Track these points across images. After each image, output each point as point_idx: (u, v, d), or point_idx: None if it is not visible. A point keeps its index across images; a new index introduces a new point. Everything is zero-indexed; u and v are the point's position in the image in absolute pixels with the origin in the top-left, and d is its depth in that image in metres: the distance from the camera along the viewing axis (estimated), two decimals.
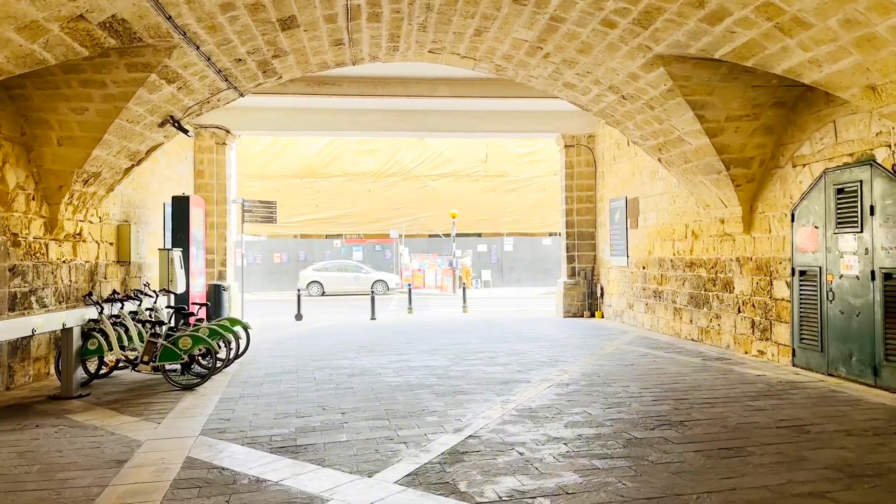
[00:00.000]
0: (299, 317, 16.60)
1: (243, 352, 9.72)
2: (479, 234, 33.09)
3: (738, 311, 9.87)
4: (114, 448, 5.33)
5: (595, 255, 16.05)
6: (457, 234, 29.65)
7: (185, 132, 9.67)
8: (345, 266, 29.63)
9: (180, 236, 12.12)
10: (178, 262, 11.34)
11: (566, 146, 15.99)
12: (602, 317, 15.60)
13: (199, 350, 8.22)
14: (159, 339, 7.95)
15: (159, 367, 7.90)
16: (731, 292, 10.05)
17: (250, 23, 7.23)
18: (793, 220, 8.59)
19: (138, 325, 8.63)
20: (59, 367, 7.70)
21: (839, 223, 7.74)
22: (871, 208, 7.24)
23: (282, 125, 15.43)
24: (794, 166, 8.57)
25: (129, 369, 8.29)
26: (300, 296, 17.39)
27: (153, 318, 9.13)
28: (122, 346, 8.21)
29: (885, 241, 7.09)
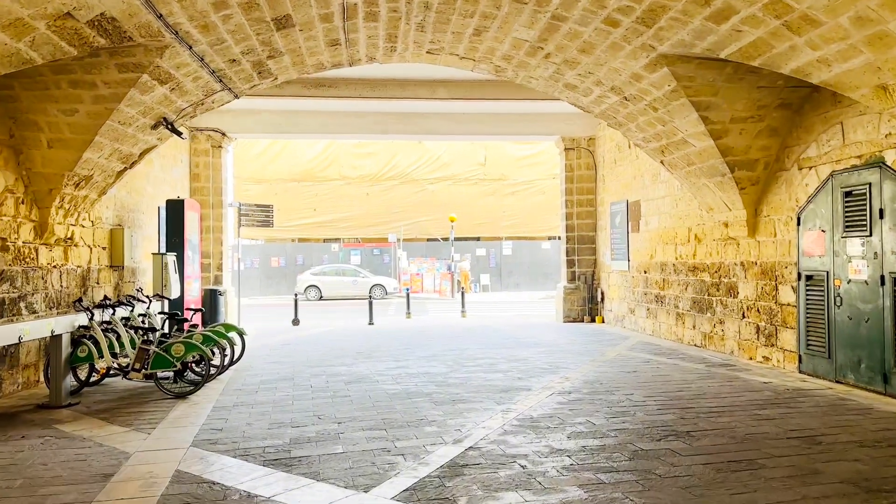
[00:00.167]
0: (296, 322, 16.40)
1: (238, 358, 9.53)
2: (478, 238, 32.90)
3: (743, 317, 9.69)
4: (101, 461, 5.13)
5: (595, 260, 15.87)
6: (455, 238, 29.47)
7: (178, 134, 9.48)
8: (342, 270, 29.45)
9: (175, 240, 11.94)
10: (172, 267, 11.15)
11: (566, 149, 15.82)
12: (602, 322, 15.42)
13: (192, 357, 8.02)
14: (151, 346, 7.76)
15: (151, 375, 7.71)
16: (735, 297, 9.88)
17: (244, 22, 7.06)
18: (799, 224, 8.42)
19: (130, 332, 8.43)
20: (48, 375, 7.50)
21: (847, 227, 7.57)
22: (881, 211, 7.07)
23: (278, 128, 15.26)
24: (800, 169, 8.40)
25: (120, 377, 8.09)
26: (297, 300, 17.20)
27: (146, 325, 8.93)
28: (113, 354, 8.00)
29: (894, 245, 6.91)
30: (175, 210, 11.94)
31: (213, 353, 8.73)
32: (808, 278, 8.23)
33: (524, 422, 6.12)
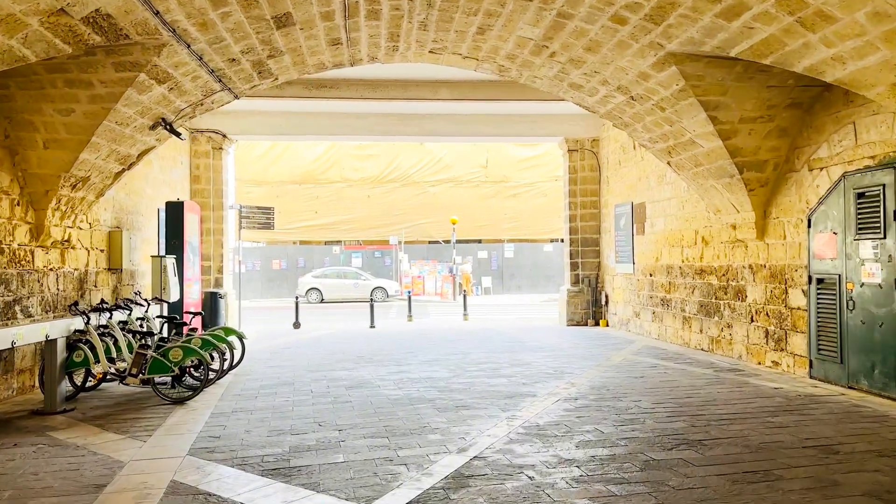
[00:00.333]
0: (297, 325, 16.24)
1: (238, 362, 9.37)
2: (480, 241, 32.73)
3: (751, 321, 9.51)
4: (93, 470, 4.97)
5: (599, 262, 15.70)
6: (457, 241, 29.30)
7: (177, 135, 9.33)
8: (344, 273, 29.28)
9: (174, 243, 11.76)
10: (171, 270, 10.99)
11: (570, 150, 15.66)
12: (606, 325, 15.24)
13: (190, 362, 7.86)
14: (149, 351, 7.60)
15: (149, 380, 7.54)
16: (743, 301, 9.70)
17: (243, 20, 6.90)
18: (809, 226, 8.24)
19: (128, 336, 8.27)
20: (43, 381, 7.33)
21: (860, 229, 7.39)
22: (895, 213, 6.90)
23: (279, 129, 15.10)
24: (811, 170, 8.23)
25: (117, 382, 7.93)
26: (298, 303, 17.04)
27: (144, 329, 8.78)
28: (110, 358, 7.85)
29: None
30: (175, 212, 11.77)
31: (213, 358, 8.58)
32: (820, 281, 8.06)
33: (530, 430, 5.95)
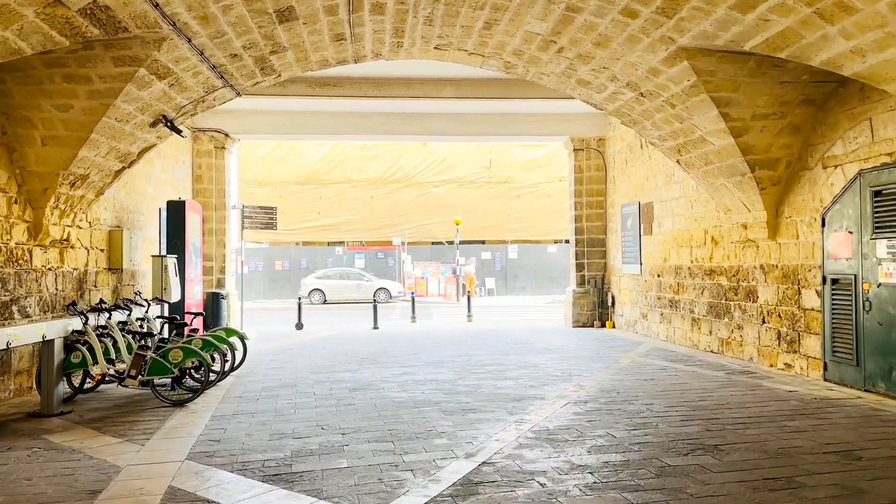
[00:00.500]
0: (300, 326, 16.09)
1: (240, 364, 9.21)
2: (483, 242, 32.54)
3: (763, 322, 9.32)
4: (89, 475, 4.81)
5: (606, 263, 15.51)
6: (460, 242, 29.13)
7: (178, 133, 9.18)
8: (347, 274, 29.12)
9: (176, 242, 11.63)
10: (172, 270, 10.84)
11: (575, 150, 15.48)
12: (613, 327, 15.05)
13: (191, 363, 7.70)
14: (148, 352, 7.44)
15: (148, 382, 7.38)
16: (754, 302, 9.51)
17: (245, 13, 6.75)
18: (823, 225, 8.06)
19: (127, 337, 8.12)
20: (40, 382, 7.18)
21: (877, 228, 7.21)
22: None
23: (282, 129, 14.96)
24: (825, 168, 8.05)
25: (116, 384, 7.77)
26: (301, 304, 16.89)
27: (144, 329, 8.62)
28: (109, 359, 7.69)
29: None
30: (176, 211, 11.64)
31: (214, 359, 8.42)
32: (834, 282, 7.87)
33: (540, 434, 5.77)
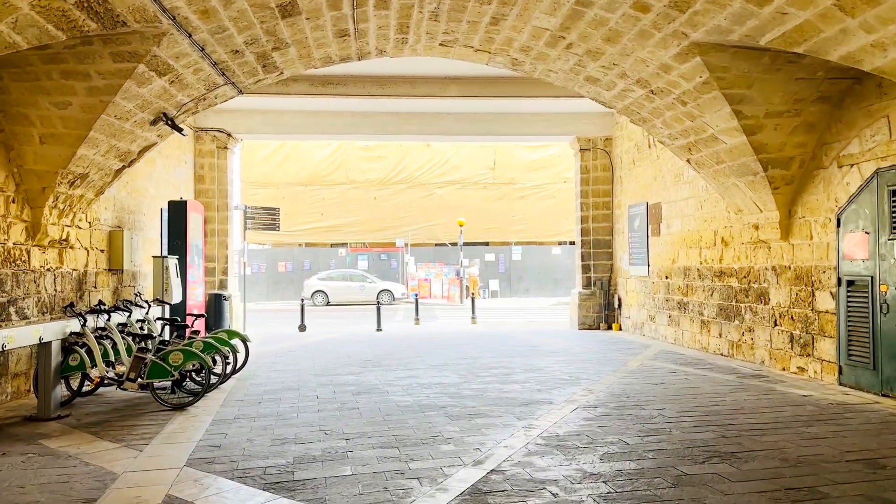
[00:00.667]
0: (303, 328, 15.92)
1: (241, 366, 9.05)
2: (487, 243, 32.35)
3: (775, 325, 9.13)
4: (84, 483, 4.64)
5: (612, 265, 15.32)
6: (464, 243, 28.95)
7: (179, 131, 9.03)
8: (350, 275, 28.97)
9: (177, 243, 11.49)
10: (173, 271, 10.70)
11: (581, 150, 15.30)
12: (620, 329, 14.85)
13: (192, 366, 7.54)
14: (148, 355, 7.28)
15: (147, 385, 7.23)
16: (766, 304, 9.31)
17: (247, 8, 6.59)
18: (838, 226, 7.87)
19: (127, 339, 7.96)
20: (38, 385, 7.02)
21: (895, 228, 7.01)
22: None
23: (285, 128, 14.81)
24: (840, 166, 7.86)
25: (115, 387, 7.61)
26: (304, 306, 16.73)
27: (145, 331, 8.46)
28: (108, 362, 7.53)
29: None
30: (177, 212, 11.49)
31: (215, 361, 8.26)
32: (850, 284, 7.68)
33: (550, 440, 5.59)
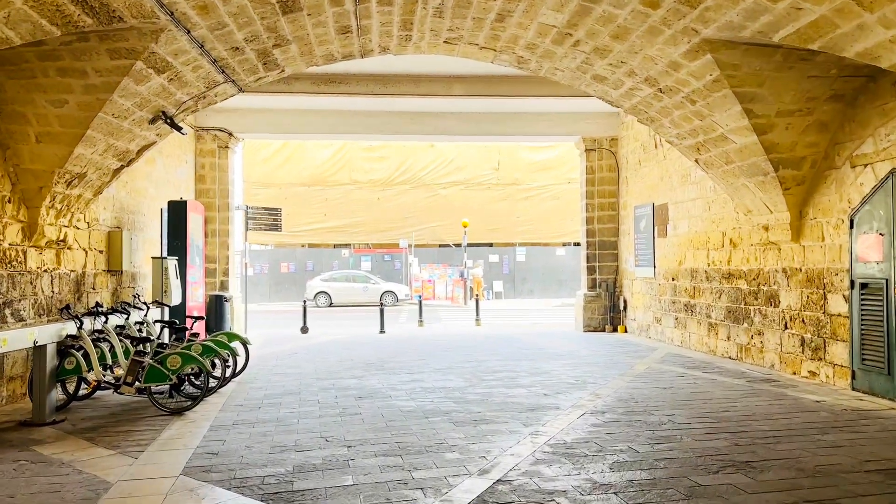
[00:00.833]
0: (305, 329, 15.77)
1: (242, 370, 8.90)
2: (491, 244, 32.18)
3: (785, 328, 8.94)
4: (76, 492, 4.49)
5: (618, 266, 15.15)
6: (468, 244, 28.78)
7: (179, 130, 8.89)
8: (353, 276, 28.82)
9: (177, 244, 11.35)
10: (173, 272, 10.55)
11: (587, 150, 15.13)
12: (625, 331, 14.67)
13: (190, 369, 7.39)
14: (145, 358, 7.13)
15: (145, 389, 7.08)
16: (776, 307, 9.13)
17: (247, 3, 6.45)
18: (852, 227, 7.68)
19: (125, 342, 7.81)
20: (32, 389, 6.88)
21: None
22: None
23: (286, 128, 14.66)
24: (854, 167, 7.68)
25: (112, 391, 7.47)
26: (306, 307, 16.59)
27: (143, 334, 8.32)
28: (105, 365, 7.38)
29: None
30: (177, 212, 11.35)
31: (214, 365, 8.11)
32: (864, 286, 7.50)
33: (557, 448, 5.42)
